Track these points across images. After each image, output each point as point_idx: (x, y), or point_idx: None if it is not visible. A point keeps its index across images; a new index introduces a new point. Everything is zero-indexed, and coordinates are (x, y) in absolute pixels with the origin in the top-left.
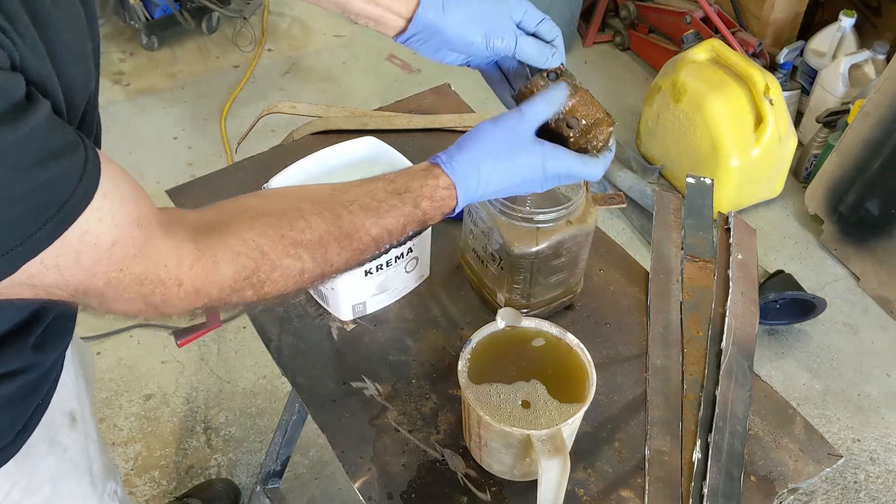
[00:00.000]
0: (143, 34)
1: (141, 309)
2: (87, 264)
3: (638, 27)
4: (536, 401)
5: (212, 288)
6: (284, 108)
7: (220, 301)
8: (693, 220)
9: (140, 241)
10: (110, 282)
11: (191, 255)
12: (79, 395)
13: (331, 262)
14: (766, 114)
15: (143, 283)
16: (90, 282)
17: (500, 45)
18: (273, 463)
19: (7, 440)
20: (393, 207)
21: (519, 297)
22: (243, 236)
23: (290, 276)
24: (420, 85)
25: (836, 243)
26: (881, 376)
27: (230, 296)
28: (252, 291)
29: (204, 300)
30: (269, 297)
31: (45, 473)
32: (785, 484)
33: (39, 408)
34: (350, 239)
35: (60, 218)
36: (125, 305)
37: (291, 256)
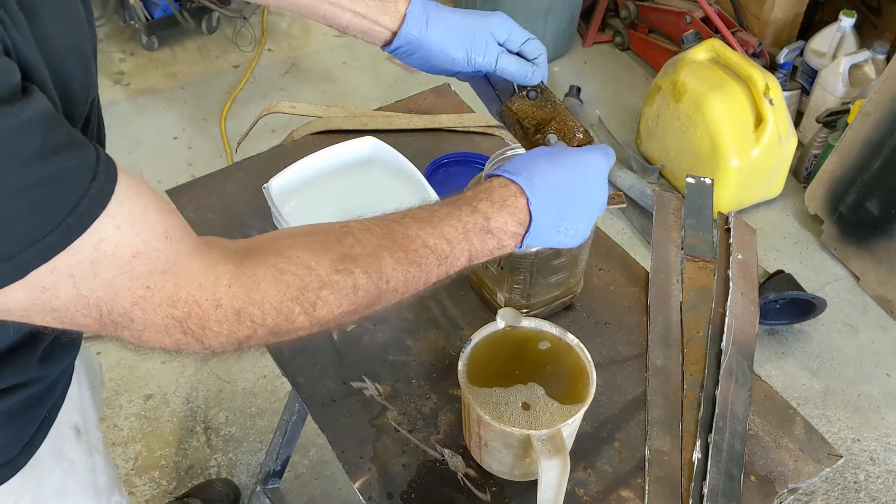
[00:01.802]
0: (143, 34)
1: (179, 340)
2: (107, 277)
3: (638, 27)
4: (536, 402)
5: (255, 309)
6: (284, 108)
7: (268, 327)
8: (693, 220)
9: (168, 255)
10: (137, 302)
11: (228, 273)
12: (83, 408)
13: (387, 277)
14: (766, 114)
15: (175, 304)
16: (114, 300)
17: (481, 61)
18: (273, 463)
19: (13, 453)
20: (448, 214)
21: (519, 297)
22: (286, 254)
23: (343, 293)
24: (420, 85)
25: (836, 243)
26: (881, 376)
27: (277, 319)
28: (302, 314)
29: (248, 325)
30: (323, 320)
31: (50, 487)
32: (785, 484)
33: (46, 420)
34: (405, 250)
35: (71, 221)
36: (160, 335)
37: (341, 272)
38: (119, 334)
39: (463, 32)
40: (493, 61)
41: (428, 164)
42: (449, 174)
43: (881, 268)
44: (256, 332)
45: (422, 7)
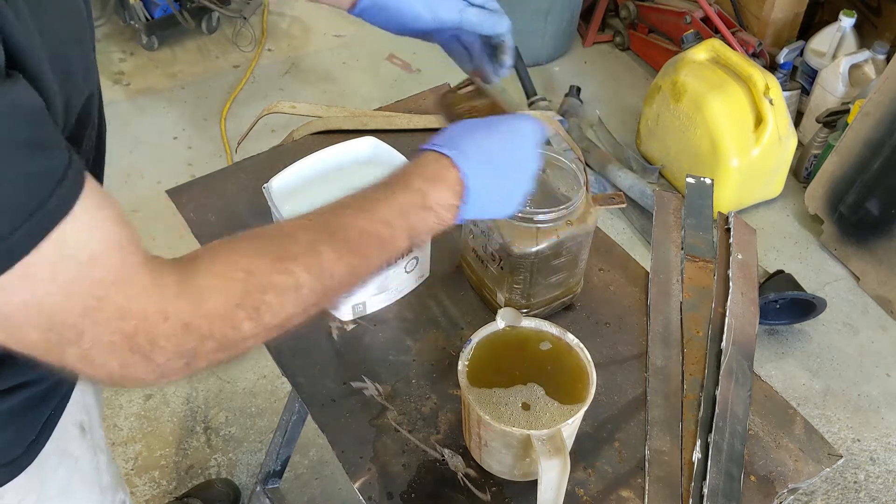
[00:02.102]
0: (143, 34)
1: (126, 360)
2: (63, 281)
3: (638, 27)
4: (536, 402)
5: (201, 321)
6: (284, 108)
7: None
8: (693, 220)
9: (121, 265)
10: (88, 312)
11: (174, 285)
12: (87, 406)
13: (329, 272)
14: (766, 114)
15: (124, 316)
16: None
17: (445, 16)
18: (273, 463)
19: (18, 452)
20: (383, 197)
21: (519, 297)
22: (224, 260)
23: (286, 294)
24: (420, 85)
25: (836, 243)
26: (881, 376)
27: (224, 328)
28: (247, 319)
29: (195, 337)
30: (270, 325)
31: (55, 485)
32: (785, 484)
33: (52, 418)
34: (344, 241)
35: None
36: (107, 354)
37: (281, 272)
38: (64, 354)
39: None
40: (458, 14)
41: None
42: None
43: (881, 268)
44: (204, 346)
45: None
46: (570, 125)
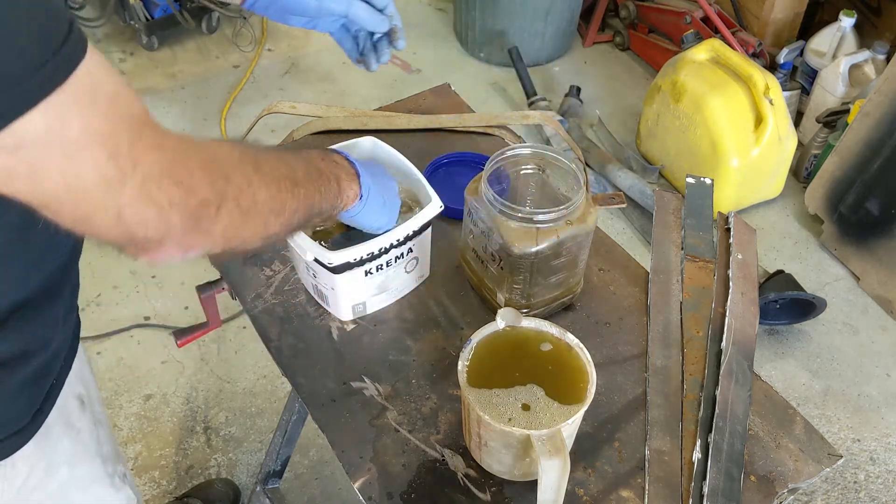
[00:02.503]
0: (143, 34)
1: (172, 195)
2: (103, 109)
3: (638, 27)
4: (536, 402)
5: (222, 160)
6: (284, 108)
7: (235, 183)
8: (693, 220)
9: (140, 104)
10: (134, 142)
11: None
12: (85, 380)
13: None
14: (766, 114)
15: (162, 147)
16: (114, 132)
17: (333, 7)
18: (273, 463)
19: (25, 421)
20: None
21: (519, 297)
22: None
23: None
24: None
25: (836, 243)
26: (881, 376)
27: (238, 174)
28: (252, 166)
29: (221, 175)
30: (269, 180)
31: (62, 456)
32: (785, 484)
33: (54, 388)
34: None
35: (68, 50)
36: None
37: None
38: (122, 192)
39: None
40: (345, 8)
41: (428, 164)
42: (449, 174)
43: (881, 268)
44: (228, 188)
45: None
46: (570, 125)
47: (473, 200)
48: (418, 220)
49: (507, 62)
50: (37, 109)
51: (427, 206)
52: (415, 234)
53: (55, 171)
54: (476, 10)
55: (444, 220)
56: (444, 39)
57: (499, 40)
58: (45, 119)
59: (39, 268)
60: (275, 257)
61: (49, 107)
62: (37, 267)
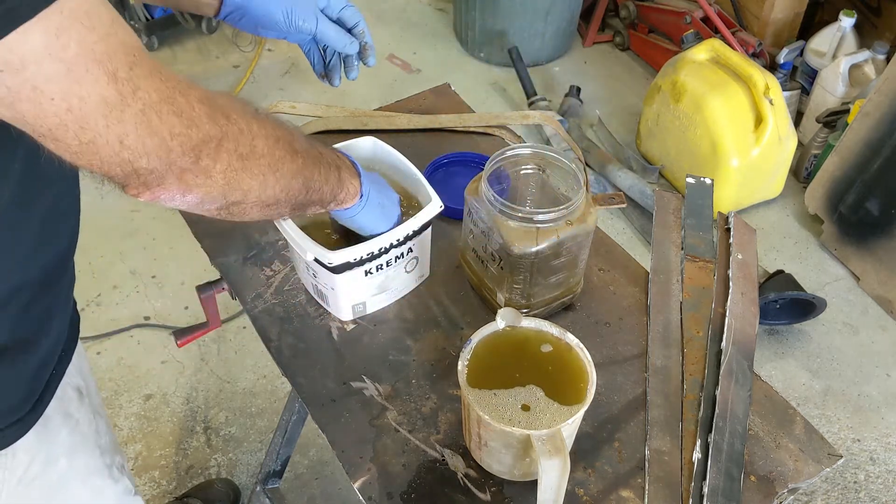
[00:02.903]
0: (143, 34)
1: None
2: (101, 33)
3: (638, 27)
4: (536, 403)
5: (217, 97)
6: (284, 108)
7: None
8: (693, 220)
9: (135, 38)
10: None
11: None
12: (83, 372)
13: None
14: (766, 114)
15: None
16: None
17: (302, 25)
18: (273, 463)
19: (25, 410)
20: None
21: (519, 297)
22: None
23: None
24: (420, 85)
25: (836, 243)
26: (881, 376)
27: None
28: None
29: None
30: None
31: (61, 446)
32: (785, 484)
33: (53, 377)
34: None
35: None
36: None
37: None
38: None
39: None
40: (314, 27)
41: (428, 164)
42: (449, 174)
43: (881, 268)
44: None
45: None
46: (570, 125)
47: (473, 200)
48: (418, 219)
49: (507, 62)
50: (34, 25)
51: (427, 206)
52: (415, 233)
53: (57, 92)
54: (476, 10)
55: (444, 220)
56: (444, 39)
57: (499, 40)
58: (42, 36)
59: (38, 254)
60: (275, 257)
61: (46, 23)
62: (35, 253)
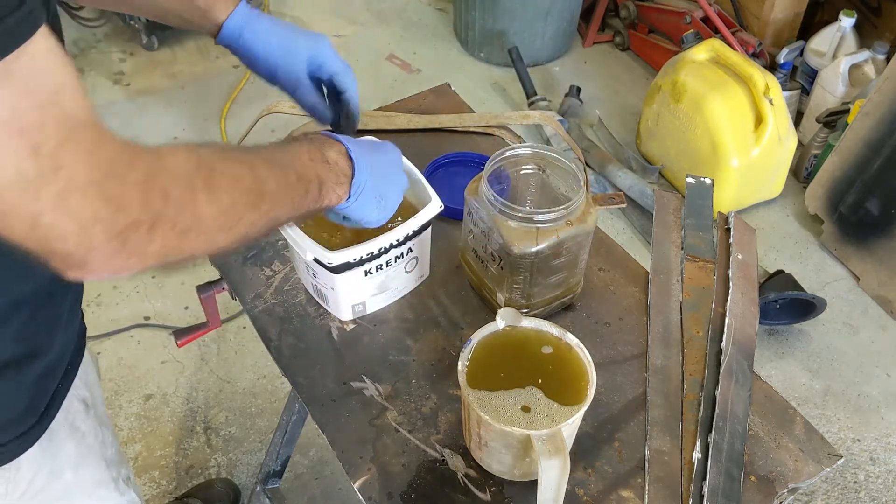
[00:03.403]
0: (143, 34)
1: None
2: (39, 100)
3: (638, 27)
4: (536, 403)
5: (163, 176)
6: (284, 108)
7: (176, 202)
8: (693, 220)
9: (86, 104)
10: (64, 142)
11: (133, 143)
12: (90, 384)
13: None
14: (766, 114)
15: (96, 155)
16: (43, 128)
17: (283, 84)
18: (273, 463)
19: (30, 423)
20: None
21: (519, 297)
22: (177, 144)
23: (232, 179)
24: (420, 85)
25: (836, 243)
26: (881, 376)
27: (183, 191)
28: (203, 188)
29: (159, 194)
30: (221, 203)
31: (66, 459)
32: (785, 484)
33: (59, 390)
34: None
35: (12, 23)
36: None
37: (223, 160)
38: (40, 196)
39: (278, 48)
40: (293, 88)
41: (428, 164)
42: (449, 174)
43: (881, 268)
44: (167, 209)
45: (243, 17)
46: (570, 125)
47: (473, 200)
48: (418, 219)
49: (507, 62)
50: None
51: (427, 206)
52: (415, 233)
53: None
54: (476, 10)
55: (444, 220)
56: (444, 39)
57: (499, 40)
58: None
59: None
60: (275, 257)
61: None
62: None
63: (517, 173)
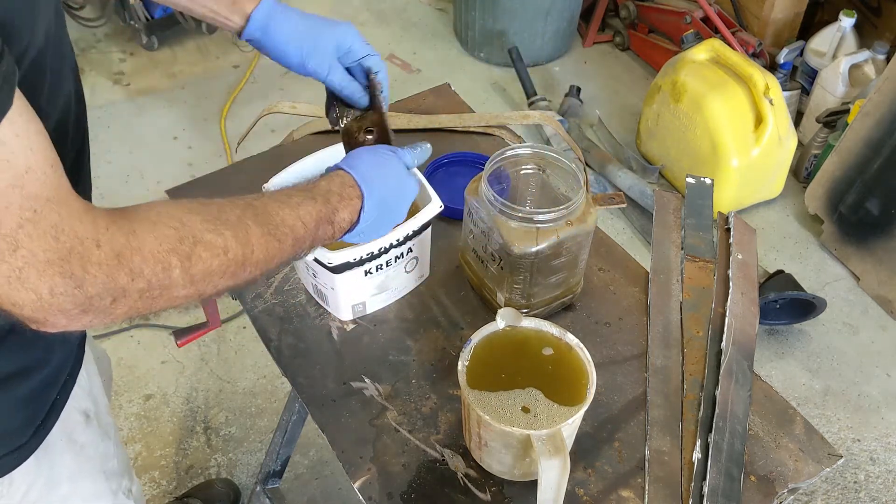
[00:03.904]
0: (143, 34)
1: (55, 285)
2: (1, 184)
3: (638, 27)
4: (536, 404)
5: (134, 255)
6: (284, 108)
7: (146, 278)
8: (693, 220)
9: (56, 183)
10: (24, 223)
11: (106, 217)
12: (94, 394)
13: (252, 245)
14: (766, 114)
15: (59, 235)
16: (3, 214)
17: (313, 69)
18: (273, 463)
19: (26, 436)
20: (304, 200)
21: (519, 297)
22: (156, 209)
23: (215, 253)
24: (420, 85)
25: (836, 243)
26: (881, 376)
27: (155, 268)
28: (179, 266)
29: (126, 273)
30: (197, 279)
31: (63, 472)
32: (785, 484)
33: (57, 403)
34: (267, 224)
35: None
36: (38, 274)
37: (212, 231)
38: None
39: (303, 39)
40: (325, 74)
41: (428, 164)
42: (449, 174)
43: (881, 268)
44: (134, 284)
45: (267, 11)
46: (570, 125)
47: (473, 200)
48: (418, 219)
49: (507, 62)
50: None
51: (427, 206)
52: (415, 233)
53: None
54: (476, 10)
55: (444, 220)
56: (444, 39)
57: (499, 40)
58: None
59: None
60: None
61: None
62: None
63: (517, 173)
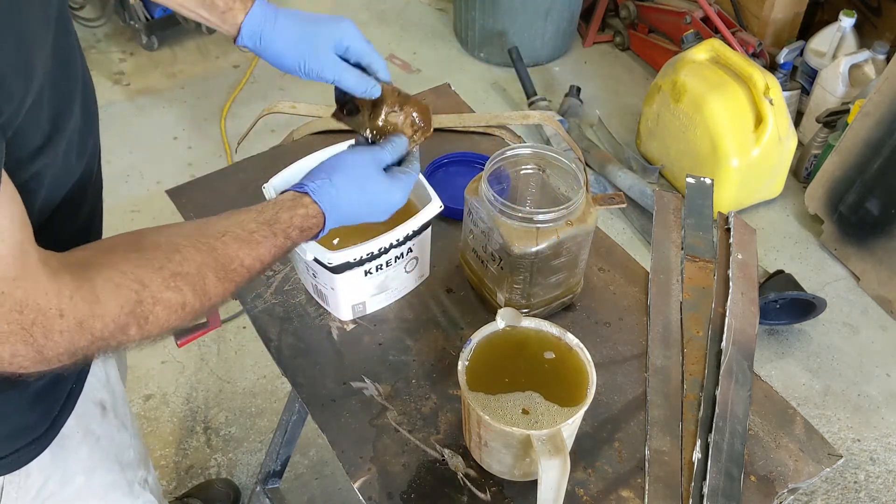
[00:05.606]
0: (143, 34)
1: (17, 351)
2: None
3: (638, 27)
4: (536, 406)
5: (95, 321)
6: (284, 108)
7: (104, 340)
8: (693, 220)
9: (22, 264)
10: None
11: (69, 285)
12: (110, 385)
13: (209, 294)
14: (766, 114)
15: (23, 310)
16: None
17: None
18: (273, 463)
19: (41, 430)
20: (265, 238)
21: (519, 297)
22: (121, 268)
23: (173, 310)
24: (420, 85)
25: (836, 243)
26: (881, 376)
27: (114, 332)
28: (136, 327)
29: (87, 337)
30: (149, 335)
31: (79, 464)
32: (785, 484)
33: (72, 394)
34: (226, 270)
35: None
36: (1, 342)
37: (172, 289)
38: None
39: (300, 43)
40: (330, 73)
41: (428, 164)
42: (449, 174)
43: (881, 268)
44: (93, 346)
45: (258, 20)
46: (570, 125)
47: (473, 200)
48: (418, 219)
49: (507, 62)
50: None
51: (427, 206)
52: (414, 233)
53: None
54: (476, 10)
55: (444, 220)
56: (444, 39)
57: (499, 40)
58: None
59: None
60: None
61: None
62: None
63: (517, 173)
